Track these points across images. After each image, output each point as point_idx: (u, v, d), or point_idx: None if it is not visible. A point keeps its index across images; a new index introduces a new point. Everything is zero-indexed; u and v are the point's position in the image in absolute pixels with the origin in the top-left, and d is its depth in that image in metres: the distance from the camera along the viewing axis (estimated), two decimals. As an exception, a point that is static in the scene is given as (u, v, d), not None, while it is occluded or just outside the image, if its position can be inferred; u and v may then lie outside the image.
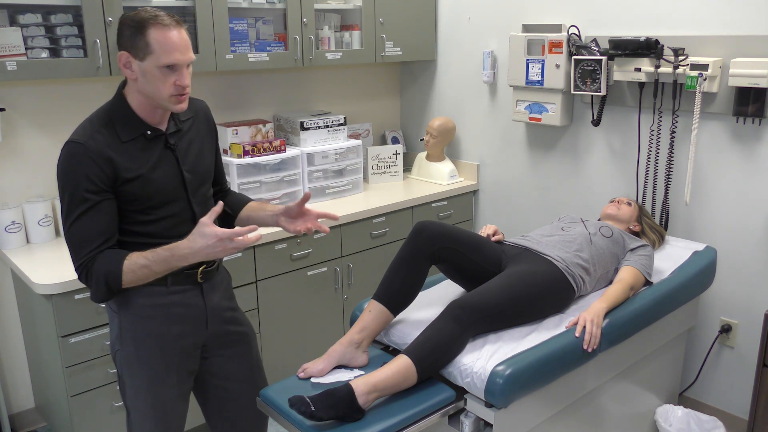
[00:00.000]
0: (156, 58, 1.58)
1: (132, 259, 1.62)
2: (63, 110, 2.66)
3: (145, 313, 1.75)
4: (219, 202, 1.65)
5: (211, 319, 1.84)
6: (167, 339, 1.78)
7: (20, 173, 2.61)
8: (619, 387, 2.34)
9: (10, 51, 2.29)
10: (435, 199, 3.36)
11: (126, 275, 1.62)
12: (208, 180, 1.86)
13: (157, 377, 1.79)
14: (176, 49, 1.59)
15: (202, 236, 1.59)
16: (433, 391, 1.84)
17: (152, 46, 1.57)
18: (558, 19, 3.00)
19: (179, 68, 1.61)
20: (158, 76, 1.59)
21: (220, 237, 1.58)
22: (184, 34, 1.62)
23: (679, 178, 2.73)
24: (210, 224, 1.59)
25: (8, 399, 2.73)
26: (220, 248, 1.59)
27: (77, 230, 1.62)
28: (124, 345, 1.78)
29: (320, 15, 3.19)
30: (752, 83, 2.37)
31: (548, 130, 3.17)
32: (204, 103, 1.90)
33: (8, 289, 2.67)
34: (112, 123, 1.65)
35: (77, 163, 1.59)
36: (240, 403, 1.97)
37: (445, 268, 2.21)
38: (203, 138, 1.84)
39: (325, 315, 3.04)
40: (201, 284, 1.81)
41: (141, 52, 1.58)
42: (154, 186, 1.68)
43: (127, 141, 1.65)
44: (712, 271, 2.53)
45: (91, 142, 1.60)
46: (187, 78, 1.63)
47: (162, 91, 1.61)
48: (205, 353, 1.89)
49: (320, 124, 3.18)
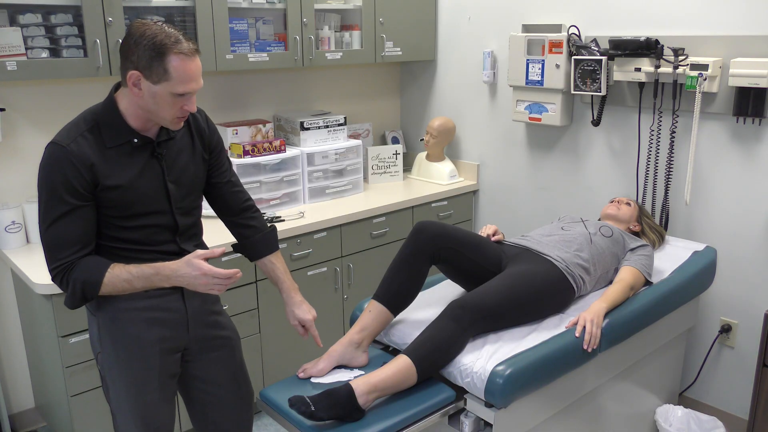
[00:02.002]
0: (172, 85, 1.55)
1: (114, 272, 1.61)
2: (63, 110, 2.65)
3: (122, 315, 1.72)
4: (217, 251, 1.65)
5: (192, 324, 1.81)
6: (146, 342, 1.74)
7: (20, 173, 2.61)
8: (619, 387, 2.34)
9: (10, 51, 2.29)
10: (435, 199, 3.36)
11: (105, 287, 1.61)
12: (194, 191, 1.81)
13: (138, 380, 1.76)
14: (193, 80, 1.57)
15: (188, 265, 1.62)
16: (433, 391, 1.84)
17: (170, 73, 1.54)
18: (558, 19, 3.00)
19: (190, 97, 1.61)
20: (168, 101, 1.58)
21: (205, 272, 1.61)
22: (199, 63, 1.59)
23: (679, 178, 2.73)
24: (201, 259, 1.62)
25: (8, 399, 2.73)
26: (202, 282, 1.62)
27: (54, 234, 1.59)
28: (104, 347, 1.76)
29: (320, 15, 3.19)
30: (752, 83, 2.37)
31: (548, 130, 3.17)
32: (200, 111, 1.83)
33: (8, 289, 2.67)
34: (98, 127, 1.62)
35: (57, 167, 1.56)
36: (222, 407, 1.95)
37: (445, 268, 2.21)
38: (194, 146, 1.79)
39: (325, 315, 3.04)
40: (182, 288, 1.77)
41: (157, 76, 1.54)
42: (136, 194, 1.65)
43: (112, 147, 1.62)
44: (712, 271, 2.53)
45: (73, 146, 1.57)
46: (195, 104, 1.63)
47: (166, 113, 1.60)
48: (187, 356, 1.86)
49: (320, 124, 3.19)
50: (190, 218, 1.80)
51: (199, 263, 1.61)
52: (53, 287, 2.19)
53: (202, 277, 1.61)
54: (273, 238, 1.99)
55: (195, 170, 1.79)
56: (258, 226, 1.96)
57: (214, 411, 1.94)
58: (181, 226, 1.75)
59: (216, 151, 1.86)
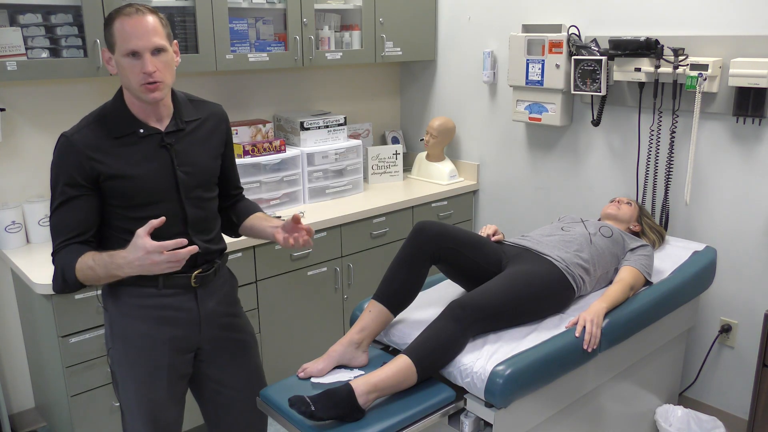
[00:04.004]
0: (119, 47, 1.59)
1: (84, 259, 1.62)
2: (63, 110, 2.65)
3: (133, 313, 1.75)
4: (161, 218, 1.56)
5: (204, 324, 1.82)
6: (156, 341, 1.76)
7: (20, 173, 2.61)
8: (619, 387, 2.34)
9: (10, 51, 2.29)
10: (435, 199, 3.36)
11: (78, 273, 1.62)
12: (206, 184, 1.81)
13: (146, 378, 1.78)
14: (135, 36, 1.58)
15: (134, 248, 1.53)
16: (433, 391, 1.84)
17: (116, 36, 1.59)
18: (558, 19, 3.00)
19: (142, 55, 1.59)
20: (126, 66, 1.60)
21: (149, 250, 1.51)
22: (148, 21, 1.59)
23: (679, 178, 2.73)
24: (143, 236, 1.52)
25: (8, 399, 2.73)
26: (148, 261, 1.52)
27: (54, 221, 1.67)
28: (115, 343, 1.79)
29: (320, 15, 3.19)
30: (752, 83, 2.37)
31: (548, 130, 3.17)
32: (220, 108, 1.87)
33: (8, 289, 2.67)
34: (105, 119, 1.67)
35: (62, 156, 1.63)
36: (236, 410, 1.95)
37: (445, 268, 2.21)
38: (210, 141, 1.81)
39: (325, 315, 3.04)
40: (195, 289, 1.79)
41: (110, 44, 1.61)
42: (140, 184, 1.67)
43: (118, 137, 1.66)
44: (712, 272, 2.53)
45: (77, 136, 1.63)
46: (151, 65, 1.59)
47: (132, 81, 1.61)
48: (201, 357, 1.87)
49: (320, 124, 3.18)
50: (202, 211, 1.79)
51: (142, 242, 1.51)
52: (53, 287, 2.19)
53: (148, 257, 1.51)
54: (256, 205, 2.03)
55: (208, 162, 1.81)
56: (241, 198, 2.02)
57: (226, 413, 1.95)
58: (191, 217, 1.75)
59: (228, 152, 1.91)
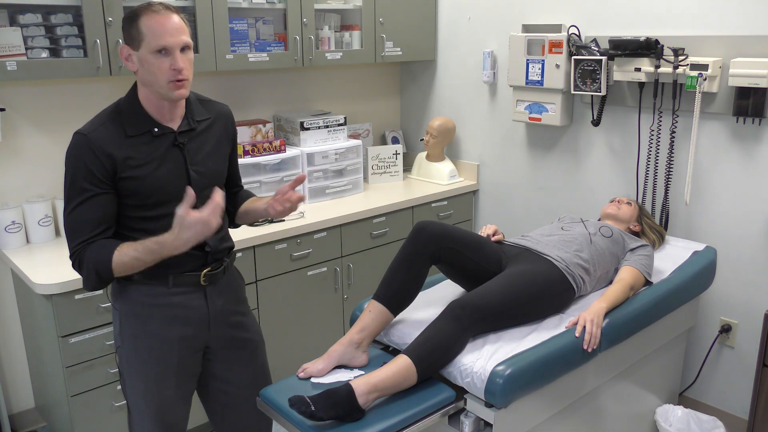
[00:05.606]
0: (147, 43, 1.59)
1: (122, 250, 1.62)
2: (63, 110, 2.65)
3: (144, 311, 1.76)
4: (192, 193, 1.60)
5: (214, 323, 1.84)
6: (166, 339, 1.77)
7: (20, 173, 2.61)
8: (619, 387, 2.34)
9: (10, 51, 2.29)
10: (435, 199, 3.36)
11: (116, 266, 1.62)
12: (216, 183, 1.82)
13: (156, 377, 1.79)
14: (166, 32, 1.59)
15: (185, 228, 1.57)
16: (433, 391, 1.84)
17: (143, 32, 1.59)
18: (558, 19, 3.00)
19: (172, 52, 1.61)
20: (153, 63, 1.60)
21: (201, 219, 1.57)
22: (175, 19, 1.62)
23: (679, 178, 2.73)
24: (188, 213, 1.56)
25: (8, 399, 2.73)
26: (200, 228, 1.58)
27: (73, 219, 1.65)
28: (124, 342, 1.79)
29: (320, 15, 3.19)
30: (752, 83, 2.37)
31: (548, 130, 3.17)
32: (227, 108, 1.89)
33: (8, 289, 2.67)
34: (120, 117, 1.67)
35: (79, 154, 1.62)
36: (241, 409, 1.96)
37: (445, 268, 2.21)
38: (219, 141, 1.83)
39: (325, 315, 3.04)
40: (204, 287, 1.80)
41: (135, 41, 1.61)
42: (155, 183, 1.68)
43: (132, 136, 1.66)
44: (712, 271, 2.53)
45: (94, 134, 1.62)
46: (181, 62, 1.62)
47: (159, 77, 1.61)
48: (209, 355, 1.88)
49: (320, 124, 3.18)
50: None
51: (192, 218, 1.56)
52: (53, 287, 2.19)
53: (200, 225, 1.57)
54: (250, 192, 2.05)
55: (218, 162, 1.83)
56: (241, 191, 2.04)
57: (231, 412, 1.96)
58: None
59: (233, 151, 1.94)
